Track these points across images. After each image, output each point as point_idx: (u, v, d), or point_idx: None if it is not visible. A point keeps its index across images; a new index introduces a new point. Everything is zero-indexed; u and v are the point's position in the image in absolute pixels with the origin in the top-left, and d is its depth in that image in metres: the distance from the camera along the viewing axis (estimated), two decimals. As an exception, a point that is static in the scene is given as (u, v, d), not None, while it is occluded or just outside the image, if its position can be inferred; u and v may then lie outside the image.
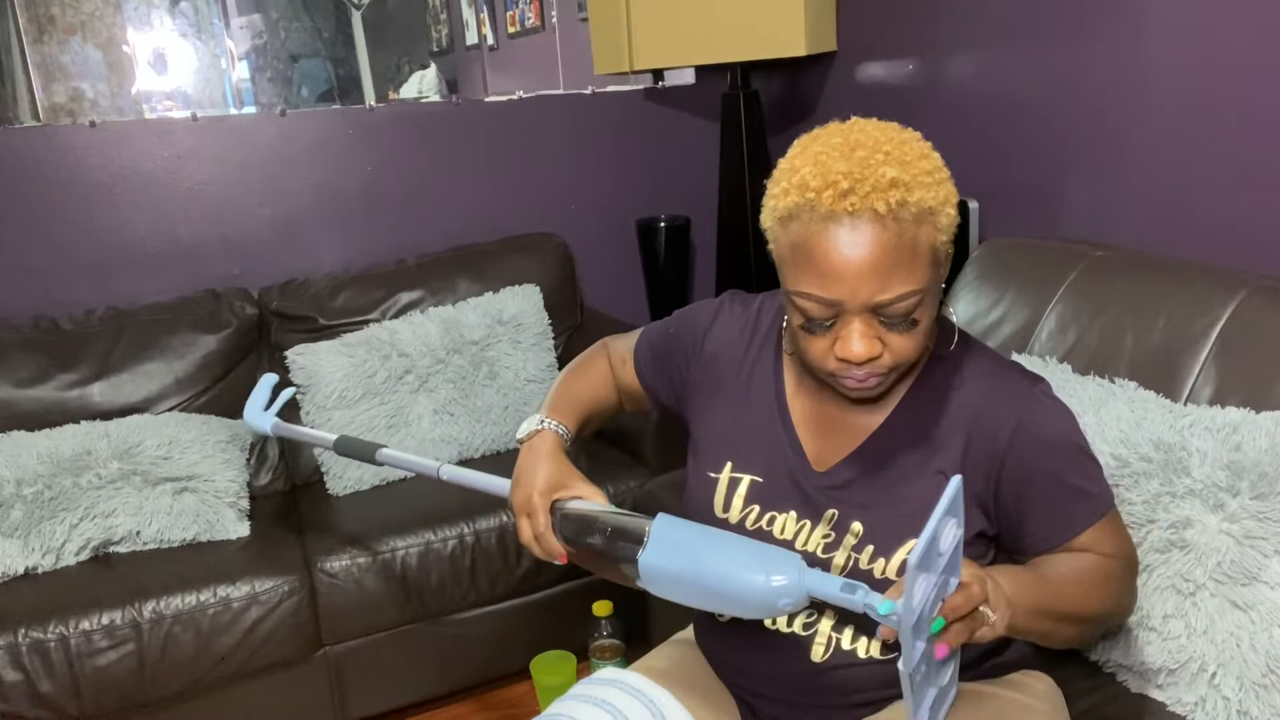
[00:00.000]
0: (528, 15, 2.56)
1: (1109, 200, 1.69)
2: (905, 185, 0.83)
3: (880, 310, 0.86)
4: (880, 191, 0.82)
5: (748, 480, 1.03)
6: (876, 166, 0.83)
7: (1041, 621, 0.90)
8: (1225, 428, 1.14)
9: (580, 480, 1.06)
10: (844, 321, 0.87)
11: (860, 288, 0.84)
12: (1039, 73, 1.79)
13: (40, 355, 2.01)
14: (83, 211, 2.20)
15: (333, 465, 2.08)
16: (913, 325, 0.88)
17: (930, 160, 0.86)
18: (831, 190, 0.83)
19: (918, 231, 0.84)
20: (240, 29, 2.31)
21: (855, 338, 0.87)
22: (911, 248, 0.84)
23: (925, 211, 0.84)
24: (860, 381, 0.91)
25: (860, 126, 0.89)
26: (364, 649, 1.86)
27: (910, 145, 0.87)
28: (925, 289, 0.86)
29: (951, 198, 0.87)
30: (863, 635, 0.99)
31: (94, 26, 2.17)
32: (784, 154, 0.97)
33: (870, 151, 0.84)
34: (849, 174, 0.83)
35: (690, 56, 2.23)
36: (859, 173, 0.83)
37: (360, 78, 2.43)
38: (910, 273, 0.84)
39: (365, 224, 2.45)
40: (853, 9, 2.28)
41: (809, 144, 0.89)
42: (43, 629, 1.63)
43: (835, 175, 0.83)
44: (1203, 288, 1.30)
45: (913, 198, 0.83)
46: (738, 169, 2.39)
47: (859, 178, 0.83)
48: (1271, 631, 1.05)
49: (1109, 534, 0.98)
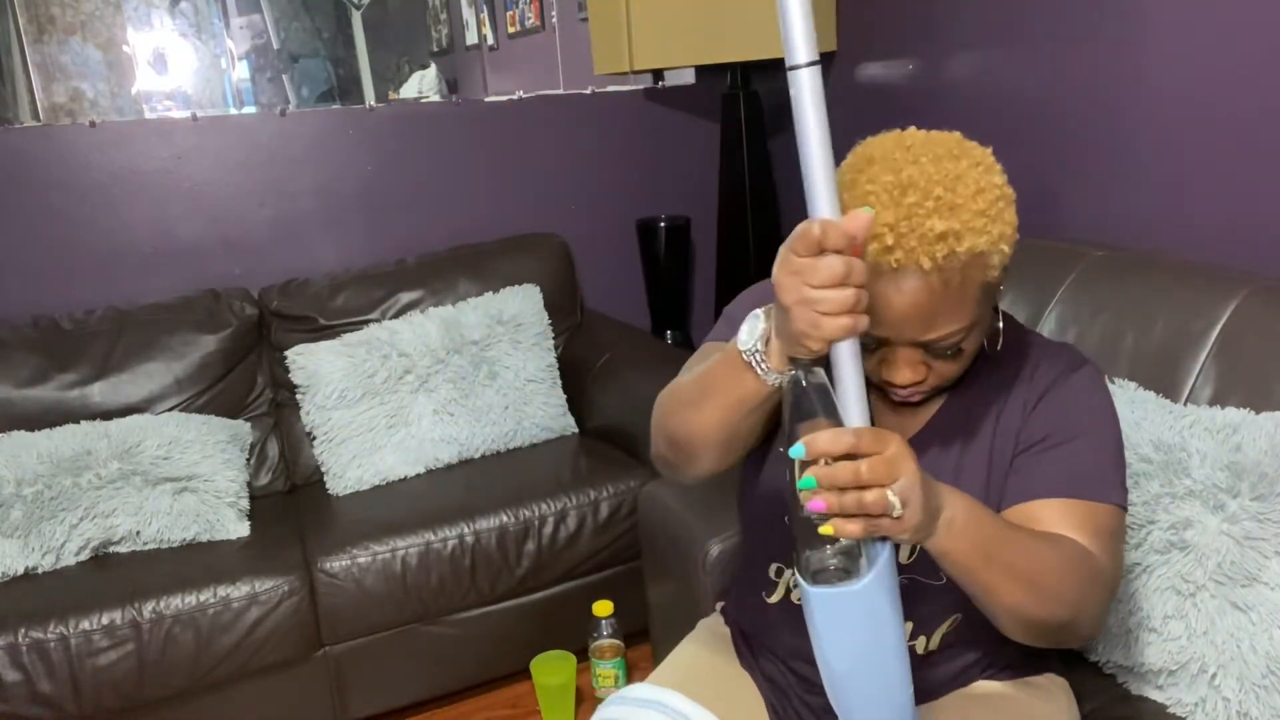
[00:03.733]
0: (528, 15, 2.56)
1: (1109, 200, 1.69)
2: (955, 235, 0.79)
3: (928, 347, 0.86)
4: (926, 245, 0.79)
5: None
6: (924, 218, 0.79)
7: (988, 566, 0.79)
8: (1225, 428, 1.14)
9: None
10: (889, 349, 0.88)
11: (905, 330, 0.84)
12: (1039, 73, 1.79)
13: (40, 355, 2.01)
14: (83, 211, 2.20)
15: (333, 465, 2.09)
16: (958, 354, 0.88)
17: (985, 196, 0.81)
18: (877, 243, 0.80)
19: (966, 276, 0.82)
20: (240, 29, 2.31)
21: (900, 365, 0.88)
22: (959, 291, 0.82)
23: (975, 257, 0.81)
24: (905, 397, 0.92)
25: (916, 155, 0.83)
26: (364, 649, 1.86)
27: (965, 180, 0.81)
28: (972, 324, 0.85)
29: (1007, 230, 0.83)
30: (921, 634, 1.00)
31: (94, 26, 2.17)
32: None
33: (921, 197, 0.80)
34: (894, 227, 0.79)
35: (690, 56, 2.23)
36: (905, 226, 0.79)
37: (360, 78, 2.43)
38: (955, 315, 0.83)
39: (365, 224, 2.45)
40: (853, 9, 2.28)
41: (861, 172, 0.84)
42: (43, 629, 1.63)
43: (881, 228, 0.80)
44: (1203, 288, 1.30)
45: (962, 247, 0.80)
46: (738, 169, 2.39)
47: (904, 231, 0.79)
48: (1271, 633, 1.05)
49: (1099, 534, 0.89)
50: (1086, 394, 0.96)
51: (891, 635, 0.77)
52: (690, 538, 1.51)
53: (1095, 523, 0.90)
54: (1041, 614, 0.83)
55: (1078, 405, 0.95)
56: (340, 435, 2.09)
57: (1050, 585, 0.83)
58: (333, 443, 2.09)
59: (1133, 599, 1.15)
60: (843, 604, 0.75)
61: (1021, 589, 0.81)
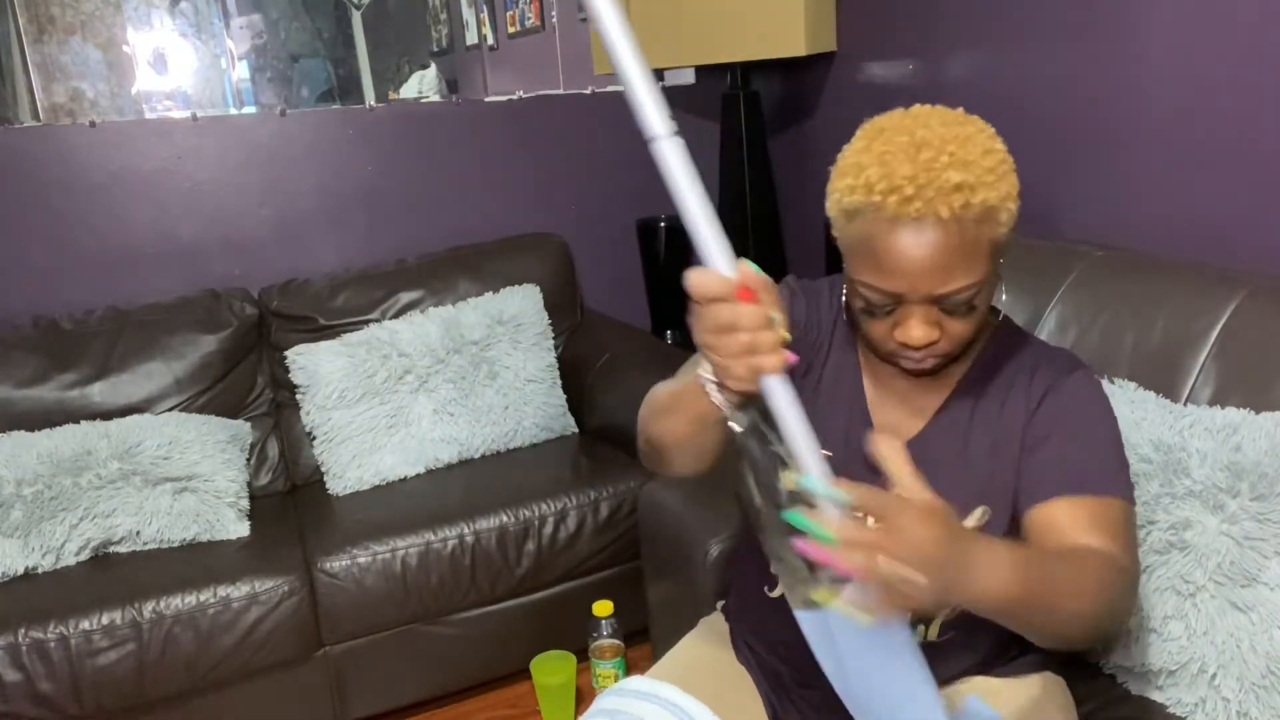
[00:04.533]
0: (528, 15, 2.56)
1: (1109, 200, 1.69)
2: (970, 187, 0.83)
3: (942, 302, 0.88)
4: (944, 196, 0.83)
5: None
6: (941, 170, 0.83)
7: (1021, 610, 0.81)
8: (1225, 428, 1.14)
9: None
10: (905, 310, 0.90)
11: (921, 283, 0.86)
12: (1039, 73, 1.79)
13: (40, 355, 2.01)
14: (83, 211, 2.20)
15: (333, 465, 2.09)
16: (970, 311, 0.90)
17: (993, 155, 0.86)
18: (896, 195, 0.84)
19: (979, 230, 0.86)
20: (240, 29, 2.31)
21: (914, 324, 0.90)
22: (973, 245, 0.86)
23: (988, 210, 0.85)
24: (918, 362, 0.94)
25: (925, 121, 0.88)
26: (364, 649, 1.86)
27: (974, 141, 0.86)
28: (984, 280, 0.88)
29: (1013, 191, 0.88)
30: (920, 622, 1.01)
31: (94, 26, 2.17)
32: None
33: (935, 153, 0.84)
34: (913, 179, 0.83)
35: (690, 56, 2.23)
36: (924, 177, 0.83)
37: (360, 78, 2.43)
38: (970, 268, 0.86)
39: (365, 224, 2.44)
40: (853, 9, 2.28)
41: (874, 139, 0.88)
42: (43, 629, 1.63)
43: (900, 180, 0.84)
44: (1203, 288, 1.30)
45: (976, 199, 0.84)
46: (738, 169, 2.39)
47: (923, 183, 0.83)
48: (1271, 633, 1.05)
49: (1111, 527, 0.91)
50: (1084, 394, 0.99)
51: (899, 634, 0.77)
52: (690, 538, 1.51)
53: (1108, 520, 0.92)
54: (1075, 632, 0.86)
55: (1076, 405, 0.98)
56: (340, 435, 2.09)
57: (1083, 609, 0.85)
58: (333, 443, 2.09)
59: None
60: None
61: (1054, 620, 0.84)
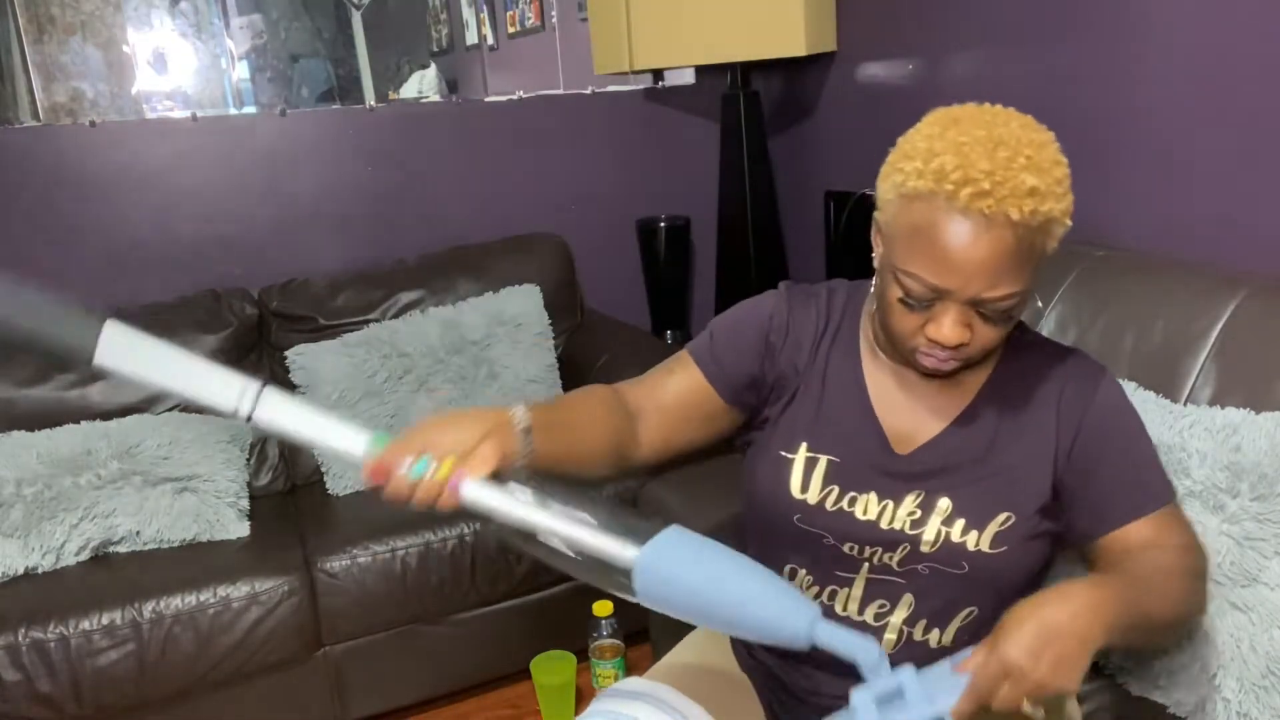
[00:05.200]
0: (528, 15, 2.56)
1: (1109, 200, 1.69)
2: (1041, 195, 0.83)
3: (983, 306, 0.88)
4: (1018, 198, 0.83)
5: (825, 460, 1.02)
6: (1018, 172, 0.83)
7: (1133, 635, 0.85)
8: (1225, 428, 1.14)
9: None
10: (943, 307, 0.89)
11: (973, 283, 0.86)
12: (1039, 73, 1.79)
13: (40, 355, 2.01)
14: (83, 211, 2.20)
15: (333, 465, 2.09)
16: (1005, 319, 0.91)
17: (1062, 168, 0.87)
18: (971, 188, 0.83)
19: (1036, 239, 0.86)
20: (240, 29, 2.31)
21: (949, 322, 0.89)
22: (1028, 253, 0.86)
23: (1050, 221, 0.85)
24: (941, 362, 0.93)
25: (1003, 121, 0.88)
26: (364, 649, 1.86)
27: (1048, 150, 0.87)
28: (1025, 290, 0.89)
29: (1070, 208, 0.88)
30: (935, 627, 1.00)
31: (94, 26, 2.17)
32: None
33: (1013, 153, 0.84)
34: (991, 174, 0.83)
35: (690, 56, 2.23)
36: (1000, 175, 0.83)
37: (360, 78, 2.43)
38: (1019, 276, 0.87)
39: (365, 224, 2.44)
40: (853, 9, 2.28)
41: (949, 127, 0.88)
42: (43, 629, 1.63)
43: (977, 173, 0.83)
44: (1203, 288, 1.30)
45: (1044, 207, 0.84)
46: (738, 169, 2.39)
47: (1000, 180, 0.83)
48: (1271, 633, 1.05)
49: (1174, 525, 0.98)
50: (1119, 404, 1.01)
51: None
52: (690, 538, 1.51)
53: (1170, 524, 0.97)
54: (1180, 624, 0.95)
55: (1118, 420, 1.00)
56: (340, 435, 2.08)
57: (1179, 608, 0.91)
58: (333, 443, 2.09)
59: (1133, 599, 1.16)
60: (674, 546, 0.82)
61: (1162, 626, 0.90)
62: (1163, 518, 0.97)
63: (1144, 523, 0.96)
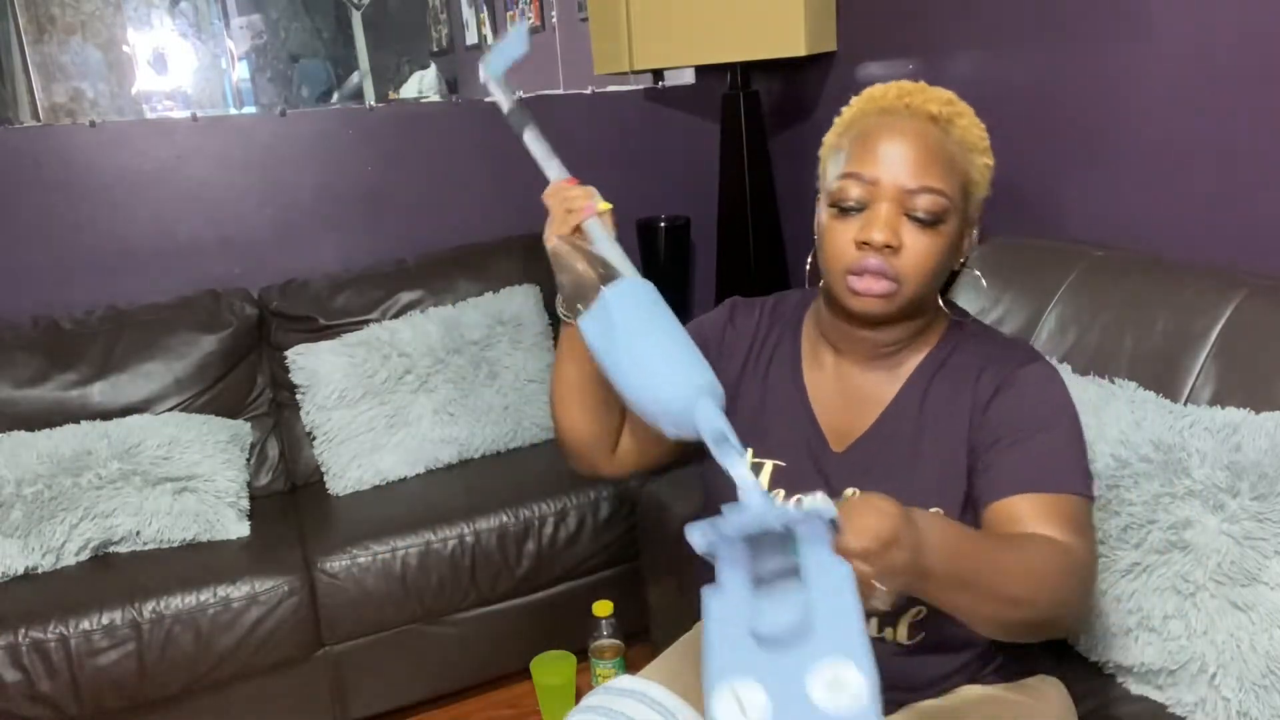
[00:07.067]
0: (528, 15, 2.56)
1: (1109, 200, 1.69)
2: (958, 111, 0.98)
3: (909, 202, 0.94)
4: (939, 102, 0.97)
5: (770, 465, 1.04)
6: (934, 91, 0.99)
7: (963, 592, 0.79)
8: (1225, 428, 1.14)
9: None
10: (873, 209, 0.95)
11: (899, 171, 0.94)
12: (1039, 72, 1.79)
13: (40, 355, 2.01)
14: (83, 211, 2.20)
15: (332, 465, 2.09)
16: (933, 226, 0.95)
17: (979, 124, 1.01)
18: (896, 91, 0.99)
19: (957, 152, 0.97)
20: (240, 29, 2.31)
21: (880, 220, 0.94)
22: (950, 160, 0.96)
23: (968, 144, 0.98)
24: (874, 279, 0.95)
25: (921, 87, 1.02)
26: (364, 649, 1.86)
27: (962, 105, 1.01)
28: (952, 201, 0.95)
29: (989, 161, 1.00)
30: (888, 626, 1.01)
31: (94, 26, 2.17)
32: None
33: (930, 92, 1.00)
34: (910, 89, 0.99)
35: (690, 56, 2.23)
36: (922, 90, 0.99)
37: (360, 78, 2.43)
38: (943, 177, 0.95)
39: (365, 224, 2.44)
40: (853, 9, 2.28)
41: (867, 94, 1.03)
42: (43, 629, 1.63)
43: (898, 87, 1.00)
44: (1203, 288, 1.30)
45: (961, 123, 0.97)
46: (738, 169, 2.39)
47: (921, 89, 0.99)
48: (1271, 632, 1.05)
49: (1069, 520, 0.90)
50: (1039, 388, 0.99)
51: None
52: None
53: (1064, 513, 0.91)
54: (1019, 618, 0.83)
55: (1032, 401, 0.98)
56: (340, 435, 2.09)
57: (1027, 592, 0.82)
58: (333, 443, 2.09)
59: (1132, 599, 1.15)
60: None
61: (999, 603, 0.81)
62: (1059, 504, 0.91)
63: (1034, 500, 0.91)
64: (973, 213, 1.01)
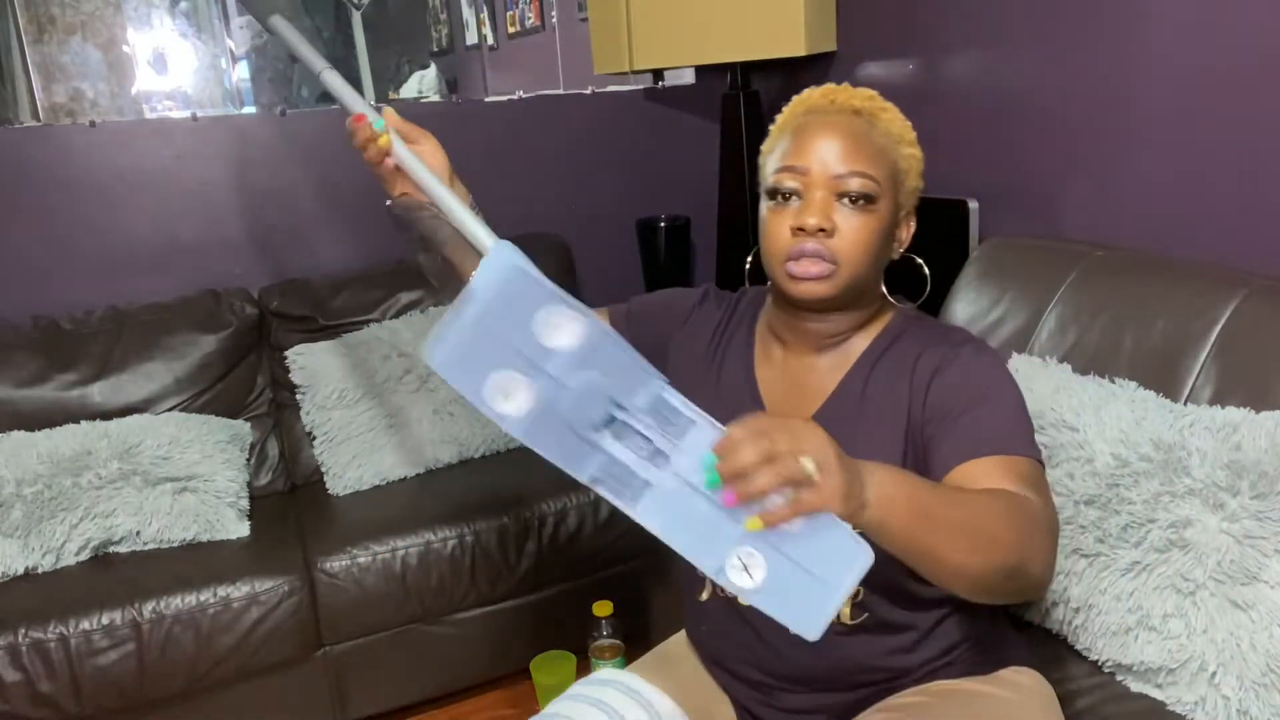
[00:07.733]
0: (528, 15, 2.56)
1: (1109, 200, 1.69)
2: (881, 106, 1.03)
3: (840, 186, 0.98)
4: (860, 98, 1.03)
5: None
6: (858, 89, 1.05)
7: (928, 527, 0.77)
8: (1225, 427, 1.14)
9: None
10: (807, 196, 0.99)
11: (830, 159, 0.99)
12: (1039, 72, 1.79)
13: (40, 355, 2.01)
14: (83, 211, 2.20)
15: (332, 465, 2.09)
16: (866, 207, 0.98)
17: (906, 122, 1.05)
18: (822, 91, 1.06)
19: (884, 142, 1.01)
20: (240, 29, 2.31)
21: (814, 206, 0.98)
22: (878, 149, 1.00)
23: (893, 135, 1.02)
24: (811, 262, 0.98)
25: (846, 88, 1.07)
26: (364, 649, 1.86)
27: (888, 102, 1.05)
28: (881, 186, 0.99)
29: (917, 153, 1.04)
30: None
31: (94, 26, 2.17)
32: None
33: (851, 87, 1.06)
34: (835, 89, 1.06)
35: (690, 56, 2.23)
36: (843, 88, 1.05)
37: (360, 78, 2.43)
38: (871, 163, 0.99)
39: (365, 224, 2.44)
40: (853, 9, 2.28)
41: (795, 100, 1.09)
42: (43, 629, 1.63)
43: (823, 89, 1.06)
44: (1203, 288, 1.30)
45: (885, 116, 1.03)
46: (738, 169, 2.39)
47: (843, 89, 1.05)
48: (1271, 631, 1.05)
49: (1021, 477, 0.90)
50: (979, 365, 1.00)
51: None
52: (690, 537, 1.51)
53: (1019, 472, 0.91)
54: (989, 563, 0.81)
55: (974, 377, 0.99)
56: (340, 435, 2.09)
57: (992, 532, 0.81)
58: (333, 443, 2.09)
59: (1132, 597, 1.16)
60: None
61: (966, 543, 0.79)
62: (1013, 464, 0.91)
63: (987, 462, 0.91)
64: (905, 200, 1.04)
